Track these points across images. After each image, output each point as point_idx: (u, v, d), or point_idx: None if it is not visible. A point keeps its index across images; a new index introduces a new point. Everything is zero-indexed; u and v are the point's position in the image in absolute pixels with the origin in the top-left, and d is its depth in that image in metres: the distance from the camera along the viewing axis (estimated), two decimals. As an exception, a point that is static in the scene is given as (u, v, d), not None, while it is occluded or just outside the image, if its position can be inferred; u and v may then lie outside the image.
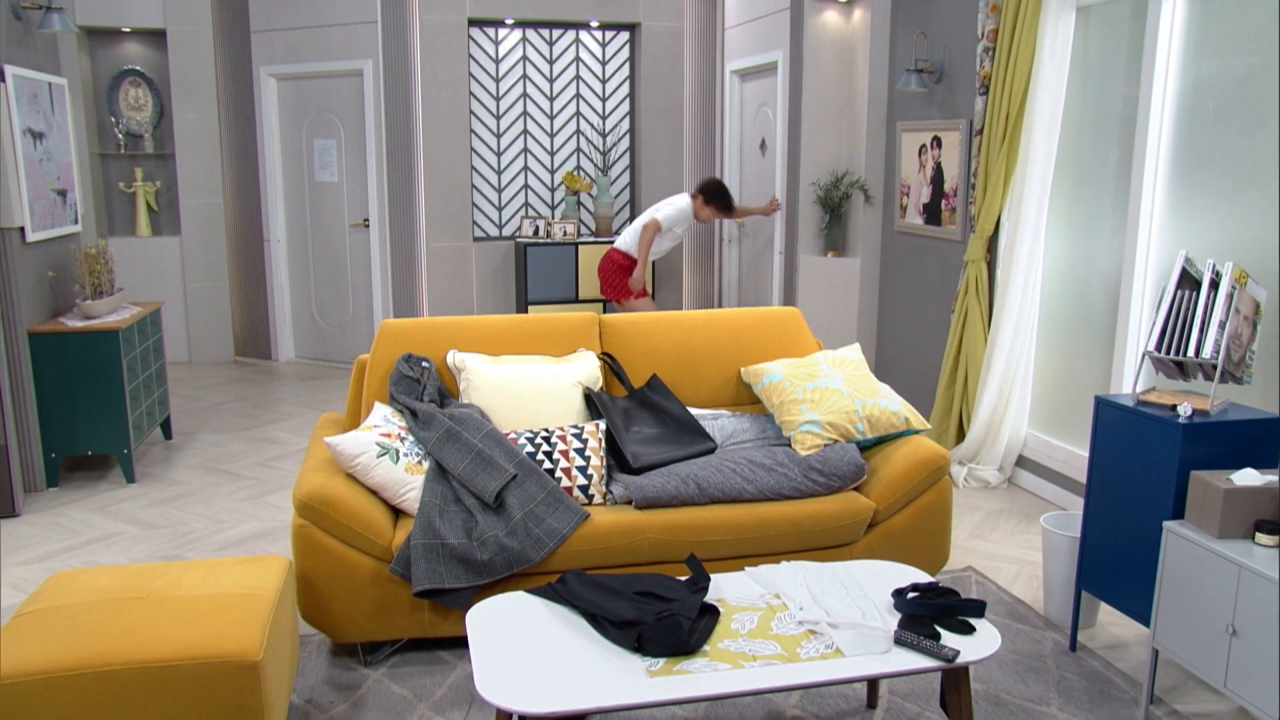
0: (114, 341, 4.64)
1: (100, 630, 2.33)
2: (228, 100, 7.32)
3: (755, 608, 2.47)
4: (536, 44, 7.28)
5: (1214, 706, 2.88)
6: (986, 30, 4.56)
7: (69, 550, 4.02)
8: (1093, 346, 4.30)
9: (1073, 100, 4.34)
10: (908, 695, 2.91)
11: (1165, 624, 2.71)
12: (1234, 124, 3.47)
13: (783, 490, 3.27)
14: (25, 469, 4.58)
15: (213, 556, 3.89)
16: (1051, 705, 2.87)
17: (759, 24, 6.67)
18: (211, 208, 7.32)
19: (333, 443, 3.07)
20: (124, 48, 7.17)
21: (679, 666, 2.20)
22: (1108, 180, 4.16)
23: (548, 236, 7.21)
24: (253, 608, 2.46)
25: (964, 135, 4.91)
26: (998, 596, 3.56)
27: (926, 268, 5.36)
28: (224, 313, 7.49)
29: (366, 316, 7.27)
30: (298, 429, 5.74)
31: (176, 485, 4.79)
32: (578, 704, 2.07)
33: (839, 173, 5.95)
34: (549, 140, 7.43)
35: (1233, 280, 2.79)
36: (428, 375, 3.47)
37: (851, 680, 2.22)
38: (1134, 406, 2.89)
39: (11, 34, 4.62)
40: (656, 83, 7.39)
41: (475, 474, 3.09)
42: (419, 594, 2.91)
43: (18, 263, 4.47)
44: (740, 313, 3.91)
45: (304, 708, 2.85)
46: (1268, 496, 2.54)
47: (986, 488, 4.71)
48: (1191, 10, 3.65)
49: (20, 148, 4.54)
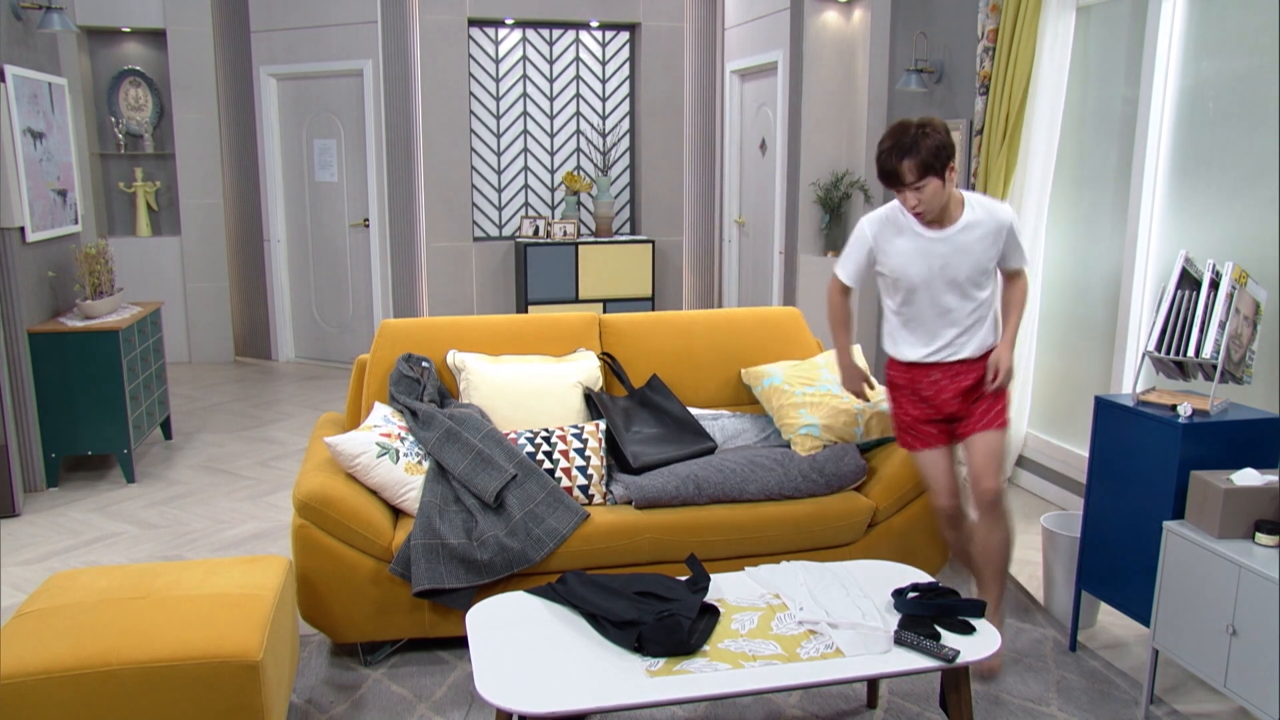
0: (114, 341, 4.64)
1: (100, 630, 2.33)
2: (228, 100, 7.32)
3: (755, 608, 2.47)
4: (536, 44, 7.28)
5: (1214, 706, 2.87)
6: (986, 30, 4.56)
7: (69, 550, 4.02)
8: (1093, 346, 4.30)
9: (1073, 100, 4.34)
10: (908, 695, 2.91)
11: (1165, 624, 2.71)
12: (1234, 124, 3.47)
13: (783, 490, 3.27)
14: (25, 469, 4.58)
15: (213, 556, 3.89)
16: (1051, 705, 2.87)
17: (759, 24, 6.67)
18: (211, 208, 7.31)
19: (333, 443, 3.07)
20: (124, 48, 7.17)
21: (679, 666, 2.20)
22: (1108, 180, 4.16)
23: (548, 236, 7.21)
24: (253, 608, 2.46)
25: (964, 135, 4.91)
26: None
27: (926, 268, 5.35)
28: (224, 313, 7.49)
29: (366, 316, 7.27)
30: (298, 429, 5.74)
31: (176, 485, 4.79)
32: (578, 704, 2.07)
33: (839, 173, 5.95)
34: (549, 140, 7.43)
35: (1233, 280, 2.79)
36: (428, 375, 3.47)
37: (851, 680, 2.22)
38: (1134, 406, 2.89)
39: (11, 34, 4.62)
40: (656, 83, 7.39)
41: (475, 474, 3.09)
42: (419, 594, 2.91)
43: (18, 263, 4.47)
44: (740, 313, 3.90)
45: (304, 708, 2.85)
46: (1268, 496, 2.54)
47: (986, 488, 4.70)
48: (1191, 10, 3.65)
49: (20, 148, 4.54)
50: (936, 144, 2.76)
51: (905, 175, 2.78)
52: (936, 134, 2.77)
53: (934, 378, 3.03)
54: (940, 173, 2.79)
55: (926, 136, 2.76)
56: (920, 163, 2.75)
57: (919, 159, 2.75)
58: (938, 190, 2.81)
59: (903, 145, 2.76)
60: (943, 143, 2.77)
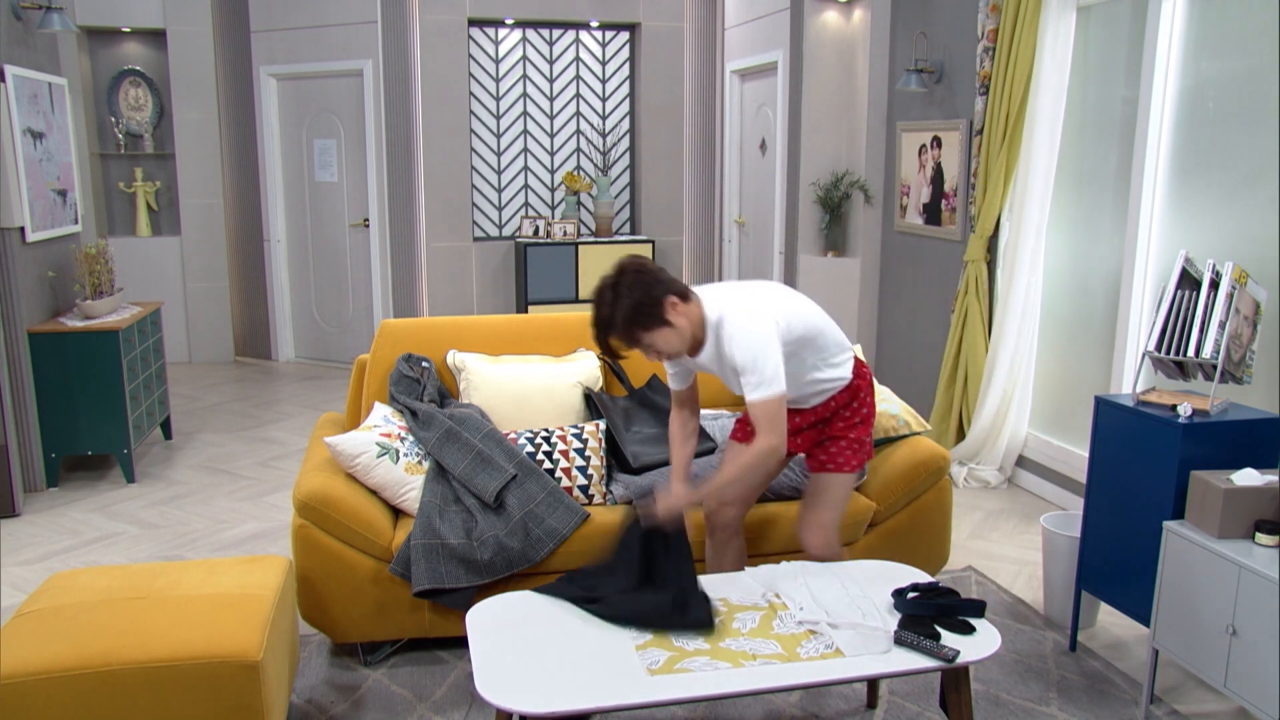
0: (114, 341, 4.64)
1: (100, 630, 2.33)
2: (228, 100, 7.32)
3: (756, 607, 2.47)
4: (536, 44, 7.28)
5: (1214, 706, 2.87)
6: (986, 30, 4.56)
7: (69, 550, 4.02)
8: (1093, 346, 4.30)
9: (1073, 100, 4.34)
10: (908, 695, 2.91)
11: (1165, 624, 2.71)
12: (1234, 124, 3.47)
13: (782, 490, 3.27)
14: (25, 469, 4.58)
15: (213, 556, 3.89)
16: (1051, 705, 2.87)
17: (759, 24, 6.66)
18: (211, 208, 7.31)
19: (333, 443, 3.07)
20: (124, 48, 7.17)
21: (679, 665, 2.20)
22: (1108, 180, 4.16)
23: (548, 236, 7.21)
24: (253, 608, 2.46)
25: (964, 135, 4.91)
26: (998, 596, 3.56)
27: (926, 268, 5.36)
28: (224, 313, 7.49)
29: (366, 316, 7.27)
30: (298, 429, 5.73)
31: (176, 485, 4.79)
32: (578, 704, 2.07)
33: (839, 173, 5.95)
34: (549, 140, 7.43)
35: (1233, 280, 2.79)
36: (428, 375, 3.47)
37: (851, 680, 2.22)
38: (1134, 406, 2.89)
39: (11, 34, 4.62)
40: (656, 83, 7.39)
41: (475, 474, 3.09)
42: (419, 594, 2.91)
43: (18, 263, 4.47)
44: (740, 313, 3.89)
45: (304, 708, 2.85)
46: (1268, 496, 2.54)
47: (986, 488, 4.71)
48: (1191, 10, 3.65)
49: (20, 148, 4.54)
50: (632, 305, 2.47)
51: (622, 347, 2.57)
52: (632, 292, 2.47)
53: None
54: (655, 325, 2.51)
55: (620, 300, 2.47)
56: (626, 333, 2.51)
57: (620, 331, 2.51)
58: (668, 337, 2.53)
59: (601, 322, 2.52)
60: (638, 301, 2.47)
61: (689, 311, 2.56)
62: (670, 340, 2.54)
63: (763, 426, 2.52)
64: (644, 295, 2.48)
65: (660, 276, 2.53)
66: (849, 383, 2.81)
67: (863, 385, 2.85)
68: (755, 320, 2.56)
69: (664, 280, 2.53)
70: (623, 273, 2.51)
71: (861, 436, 2.84)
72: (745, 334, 2.54)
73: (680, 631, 2.34)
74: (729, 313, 2.59)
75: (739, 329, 2.55)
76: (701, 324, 2.61)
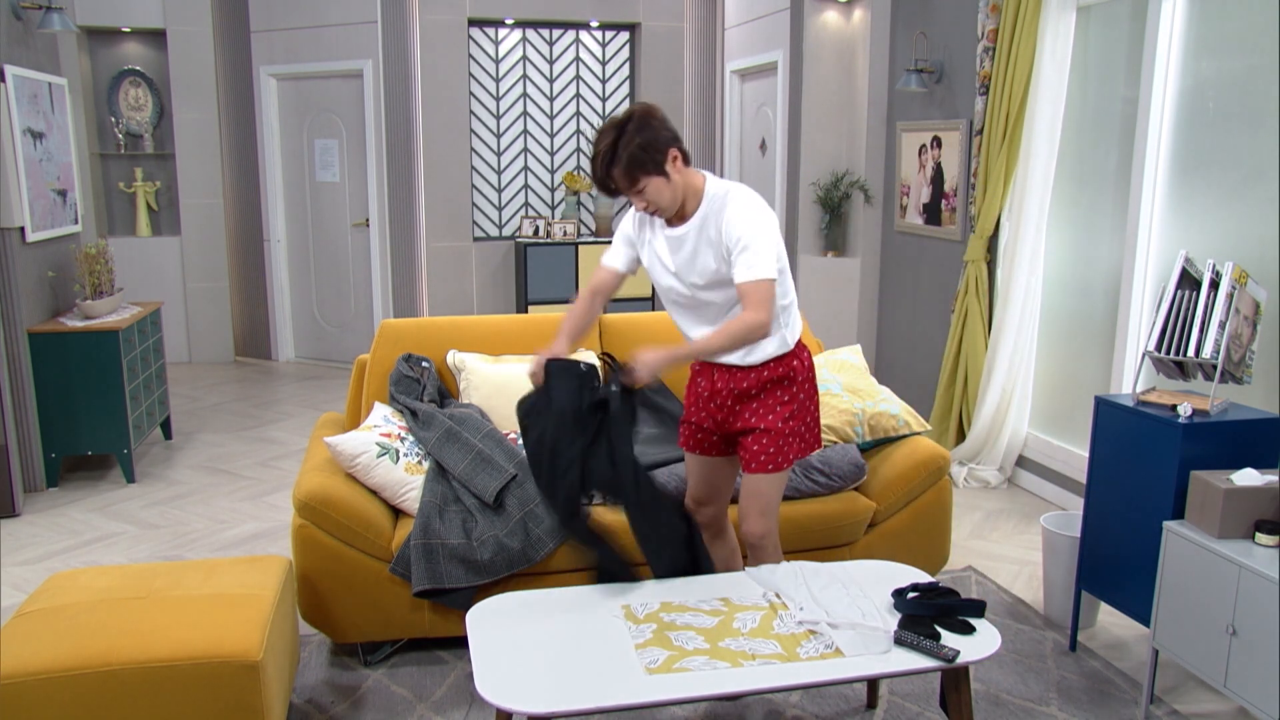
0: (114, 341, 4.64)
1: (100, 630, 2.33)
2: (228, 100, 7.32)
3: (756, 607, 2.47)
4: (536, 44, 7.28)
5: (1214, 706, 2.87)
6: (986, 30, 4.56)
7: (69, 550, 4.02)
8: (1093, 346, 4.30)
9: (1073, 100, 4.34)
10: (908, 695, 2.91)
11: (1165, 624, 2.71)
12: (1234, 124, 3.47)
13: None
14: (25, 469, 4.58)
15: (213, 556, 3.89)
16: (1051, 705, 2.87)
17: (759, 24, 6.66)
18: (211, 208, 7.31)
19: (333, 443, 3.07)
20: (124, 48, 7.17)
21: (678, 665, 2.20)
22: (1108, 180, 4.16)
23: (548, 236, 7.21)
24: (253, 608, 2.46)
25: (964, 135, 4.91)
26: (998, 596, 3.56)
27: (926, 268, 5.36)
28: (224, 313, 7.49)
29: (366, 316, 7.27)
30: (298, 429, 5.73)
31: (176, 485, 4.79)
32: (578, 704, 2.07)
33: (839, 173, 5.95)
34: (549, 140, 7.43)
35: (1233, 280, 2.79)
36: (428, 375, 3.47)
37: (851, 680, 2.22)
38: (1134, 406, 2.89)
39: (11, 34, 4.62)
40: (656, 83, 7.39)
41: (475, 474, 3.09)
42: (419, 594, 2.91)
43: (18, 263, 4.47)
44: (740, 313, 3.90)
45: (304, 708, 2.85)
46: (1268, 496, 2.54)
47: (986, 488, 4.71)
48: (1191, 10, 3.65)
49: (20, 148, 4.54)
50: (640, 145, 2.46)
51: (619, 188, 2.53)
52: (641, 132, 2.47)
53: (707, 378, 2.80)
54: (654, 171, 2.49)
55: (628, 137, 2.46)
56: (627, 172, 2.48)
57: (623, 167, 2.48)
58: (660, 188, 2.52)
59: (606, 155, 2.49)
60: (647, 141, 2.46)
61: (687, 174, 2.56)
62: (663, 193, 2.53)
63: (751, 302, 2.50)
64: (653, 137, 2.48)
65: (669, 125, 2.54)
66: (784, 357, 2.70)
67: (799, 372, 2.72)
68: (765, 211, 2.58)
69: (671, 130, 2.53)
70: (633, 114, 2.51)
71: (780, 428, 2.68)
72: (754, 212, 2.55)
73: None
74: (739, 191, 2.59)
75: (748, 207, 2.55)
76: (697, 195, 2.60)
